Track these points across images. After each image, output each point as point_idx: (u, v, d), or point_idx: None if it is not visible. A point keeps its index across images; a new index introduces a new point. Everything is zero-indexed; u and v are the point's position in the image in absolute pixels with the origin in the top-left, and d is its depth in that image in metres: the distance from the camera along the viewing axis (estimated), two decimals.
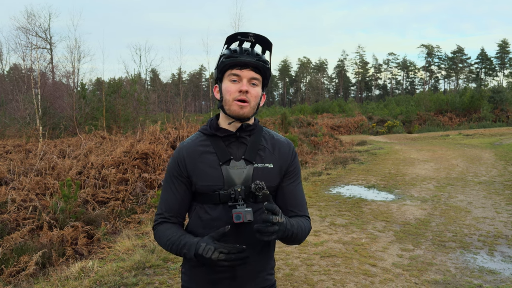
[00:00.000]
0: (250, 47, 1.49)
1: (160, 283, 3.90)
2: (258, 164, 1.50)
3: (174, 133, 9.87)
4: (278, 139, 1.60)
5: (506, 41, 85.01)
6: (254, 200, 1.46)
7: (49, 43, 25.34)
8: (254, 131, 1.55)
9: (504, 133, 21.69)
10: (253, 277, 1.52)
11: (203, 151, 1.50)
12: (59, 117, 18.16)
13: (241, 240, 1.45)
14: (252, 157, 1.50)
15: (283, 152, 1.57)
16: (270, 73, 1.52)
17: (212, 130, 1.52)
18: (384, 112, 37.34)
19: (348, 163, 12.38)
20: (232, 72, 1.45)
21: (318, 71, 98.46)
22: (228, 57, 1.45)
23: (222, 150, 1.49)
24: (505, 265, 4.31)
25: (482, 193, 7.90)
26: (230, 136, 1.51)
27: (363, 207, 6.94)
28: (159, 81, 44.99)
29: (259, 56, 1.48)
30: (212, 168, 1.47)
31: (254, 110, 1.49)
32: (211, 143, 1.51)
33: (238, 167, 1.47)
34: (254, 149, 1.51)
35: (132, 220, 6.28)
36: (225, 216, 1.43)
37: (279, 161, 1.55)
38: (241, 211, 1.37)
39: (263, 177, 1.48)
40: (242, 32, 1.49)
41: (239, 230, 1.44)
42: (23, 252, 4.67)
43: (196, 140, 1.55)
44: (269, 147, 1.55)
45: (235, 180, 1.46)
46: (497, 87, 38.16)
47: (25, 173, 7.51)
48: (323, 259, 4.51)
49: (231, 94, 1.45)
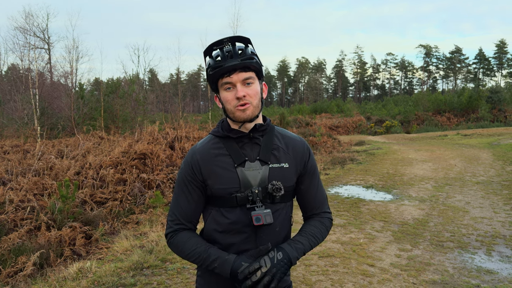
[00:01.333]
0: (231, 46, 1.44)
1: (158, 283, 3.89)
2: (274, 164, 1.48)
3: (173, 133, 9.86)
4: (291, 138, 1.58)
5: (504, 41, 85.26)
6: (271, 201, 1.45)
7: (47, 43, 25.27)
8: (267, 131, 1.53)
9: (502, 133, 21.74)
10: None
11: (217, 153, 1.48)
12: (57, 117, 18.13)
13: (259, 242, 1.44)
14: (267, 157, 1.48)
15: (297, 150, 1.55)
16: (260, 63, 1.48)
17: (224, 132, 1.50)
18: (383, 112, 37.40)
19: (346, 163, 12.39)
20: (224, 81, 1.43)
21: (316, 71, 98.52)
22: (214, 68, 1.42)
23: (236, 152, 1.47)
24: (503, 265, 4.32)
25: (480, 193, 7.92)
26: (243, 137, 1.49)
27: (361, 207, 6.95)
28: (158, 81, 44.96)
29: (244, 54, 1.43)
30: (227, 170, 1.45)
31: (259, 107, 1.47)
32: (224, 145, 1.49)
33: (254, 168, 1.45)
34: (268, 149, 1.49)
35: (130, 221, 6.27)
36: (244, 218, 1.42)
37: (295, 160, 1.53)
38: (260, 213, 1.35)
39: (280, 177, 1.46)
40: (216, 41, 1.45)
41: (257, 231, 1.44)
42: (21, 252, 4.66)
43: (208, 143, 1.52)
44: (283, 146, 1.53)
45: (251, 182, 1.43)
46: (495, 87, 38.25)
47: (23, 174, 7.49)
48: (321, 259, 4.51)
49: (230, 103, 1.44)
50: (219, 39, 1.45)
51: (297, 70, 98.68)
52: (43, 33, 24.33)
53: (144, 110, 19.80)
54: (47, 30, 25.02)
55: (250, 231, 1.44)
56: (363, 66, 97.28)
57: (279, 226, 1.48)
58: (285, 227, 1.52)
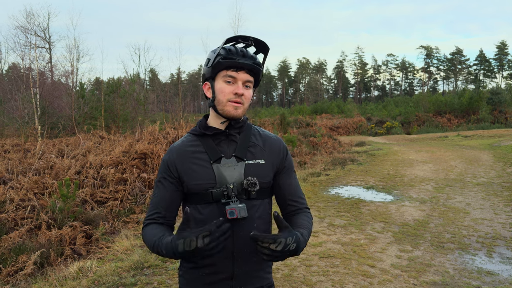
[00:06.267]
0: (244, 47, 1.49)
1: (158, 283, 3.89)
2: (250, 160, 1.50)
3: (173, 133, 9.86)
4: (268, 136, 1.61)
5: (504, 42, 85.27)
6: (247, 197, 1.45)
7: (48, 43, 25.25)
8: (243, 128, 1.55)
9: (502, 134, 21.73)
10: (251, 276, 1.51)
11: (193, 151, 1.50)
12: (57, 116, 18.11)
13: (236, 239, 1.44)
14: (243, 154, 1.50)
15: (274, 148, 1.57)
16: (262, 75, 1.53)
17: (201, 129, 1.53)
18: (383, 113, 37.41)
19: (347, 164, 12.38)
20: (228, 74, 1.45)
21: (317, 71, 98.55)
22: (225, 57, 1.43)
23: (212, 149, 1.49)
24: (504, 267, 4.32)
25: (481, 195, 7.91)
26: (220, 134, 1.51)
27: (361, 208, 6.94)
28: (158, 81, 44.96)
29: (254, 59, 1.48)
30: (203, 167, 1.47)
31: (246, 111, 1.51)
32: (201, 143, 1.51)
33: (230, 165, 1.47)
34: (245, 146, 1.51)
35: (131, 220, 6.27)
36: (219, 214, 1.42)
37: (271, 157, 1.55)
38: (235, 207, 1.36)
39: (255, 173, 1.47)
40: (242, 36, 1.49)
41: (234, 228, 1.43)
42: (21, 251, 4.66)
43: (185, 141, 1.55)
44: (260, 144, 1.55)
45: (227, 178, 1.45)
46: (495, 88, 38.19)
47: (24, 173, 7.49)
48: (322, 260, 4.51)
49: (225, 95, 1.45)
50: (244, 35, 1.49)
51: (298, 70, 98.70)
52: (44, 33, 24.33)
53: (145, 110, 19.80)
54: (48, 30, 25.04)
55: None
56: (363, 67, 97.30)
57: (256, 222, 1.48)
58: (263, 223, 1.51)
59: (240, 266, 1.47)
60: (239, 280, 1.49)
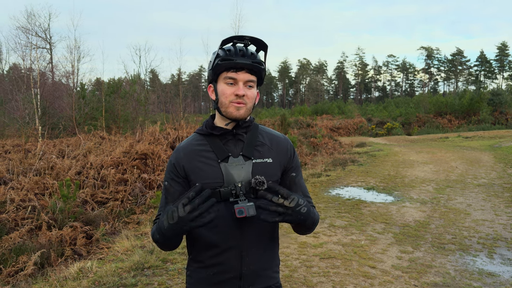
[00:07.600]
0: (244, 46, 1.48)
1: (159, 284, 3.89)
2: (257, 159, 1.50)
3: (174, 134, 9.86)
4: (275, 135, 1.61)
5: (505, 43, 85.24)
6: (255, 196, 1.45)
7: (49, 43, 25.28)
8: (250, 128, 1.56)
9: (503, 135, 21.71)
10: (259, 276, 1.50)
11: (201, 150, 1.50)
12: (58, 117, 18.12)
13: (245, 238, 1.44)
14: (250, 153, 1.50)
15: (281, 147, 1.58)
16: (265, 73, 1.52)
17: (208, 129, 1.53)
18: (384, 114, 37.40)
19: (347, 164, 12.38)
20: (228, 75, 1.45)
21: (317, 72, 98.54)
22: (224, 59, 1.43)
23: (219, 148, 1.49)
24: (505, 268, 4.31)
25: (482, 196, 7.90)
26: (227, 134, 1.51)
27: (362, 208, 6.93)
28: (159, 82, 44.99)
29: (254, 57, 1.47)
30: (210, 166, 1.47)
31: (250, 110, 1.50)
32: (208, 142, 1.51)
33: (237, 164, 1.47)
34: (252, 145, 1.52)
35: (131, 221, 6.27)
36: (227, 213, 1.42)
37: (278, 156, 1.55)
38: (243, 206, 1.35)
39: (263, 171, 1.47)
40: (238, 36, 1.48)
41: (242, 227, 1.43)
42: (21, 252, 4.66)
43: (192, 140, 1.55)
44: (267, 143, 1.56)
45: (235, 177, 1.45)
46: (496, 89, 38.18)
47: (24, 173, 7.49)
48: (323, 261, 4.51)
49: (227, 97, 1.45)
50: (240, 35, 1.48)
51: (298, 71, 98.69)
52: (45, 33, 24.35)
53: (145, 110, 19.80)
54: (49, 30, 25.06)
55: (234, 226, 1.43)
56: (364, 68, 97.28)
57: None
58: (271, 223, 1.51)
59: (248, 265, 1.46)
60: (247, 280, 1.48)
